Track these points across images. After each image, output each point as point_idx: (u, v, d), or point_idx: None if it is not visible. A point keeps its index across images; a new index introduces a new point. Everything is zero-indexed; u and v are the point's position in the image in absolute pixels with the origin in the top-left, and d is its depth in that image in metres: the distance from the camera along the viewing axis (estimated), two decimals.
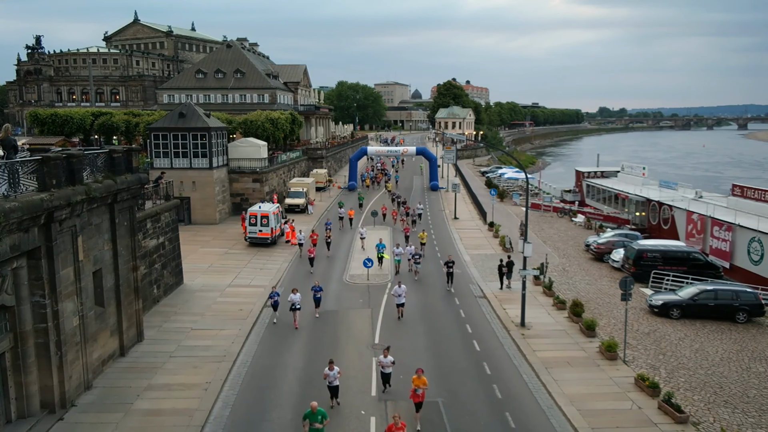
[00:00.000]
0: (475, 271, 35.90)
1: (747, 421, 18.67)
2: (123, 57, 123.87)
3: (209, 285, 31.99)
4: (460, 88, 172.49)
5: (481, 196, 61.99)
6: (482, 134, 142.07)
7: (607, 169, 71.84)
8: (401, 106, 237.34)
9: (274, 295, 27.12)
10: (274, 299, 26.88)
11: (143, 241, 27.29)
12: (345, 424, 18.04)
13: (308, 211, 53.91)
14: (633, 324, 26.84)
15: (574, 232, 50.18)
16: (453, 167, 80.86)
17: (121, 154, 22.44)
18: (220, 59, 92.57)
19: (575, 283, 34.02)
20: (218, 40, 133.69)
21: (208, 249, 40.05)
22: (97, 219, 20.72)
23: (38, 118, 64.18)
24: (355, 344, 24.37)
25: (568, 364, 22.45)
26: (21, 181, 16.33)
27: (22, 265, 16.74)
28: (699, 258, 35.59)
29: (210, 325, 26.00)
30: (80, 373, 19.18)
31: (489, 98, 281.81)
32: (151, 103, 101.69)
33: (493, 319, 27.80)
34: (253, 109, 73.70)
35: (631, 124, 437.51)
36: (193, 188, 47.32)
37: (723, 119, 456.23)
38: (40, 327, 17.27)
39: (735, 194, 47.34)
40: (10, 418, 16.74)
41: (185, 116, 47.80)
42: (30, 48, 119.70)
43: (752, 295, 28.65)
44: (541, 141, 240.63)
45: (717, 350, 24.56)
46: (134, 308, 23.68)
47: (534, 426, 18.22)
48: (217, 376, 20.87)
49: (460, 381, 21.08)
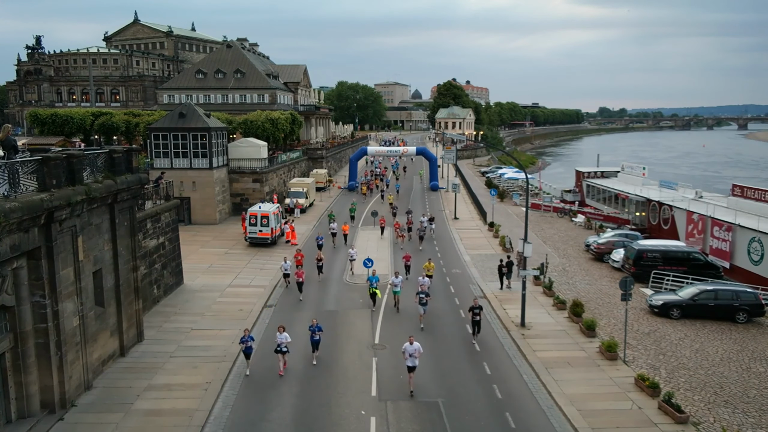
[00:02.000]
0: (475, 271, 35.89)
1: (747, 421, 18.66)
2: (123, 57, 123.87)
3: (209, 285, 31.99)
4: (460, 88, 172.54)
5: (481, 196, 61.99)
6: (482, 134, 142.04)
7: (607, 169, 71.80)
8: (401, 106, 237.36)
9: (246, 339, 21.20)
10: (246, 344, 21.10)
11: (143, 241, 27.29)
12: (345, 424, 18.03)
13: (295, 213, 52.25)
14: (633, 324, 26.84)
15: (574, 232, 50.17)
16: (453, 167, 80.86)
17: (121, 154, 22.43)
18: (220, 59, 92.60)
19: (575, 283, 34.01)
20: (218, 40, 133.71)
21: (208, 249, 40.05)
22: (97, 219, 20.72)
23: (38, 119, 64.22)
24: (356, 344, 24.36)
25: (569, 364, 22.44)
26: (21, 181, 16.32)
27: (22, 265, 16.74)
28: (699, 258, 35.58)
29: (210, 326, 25.99)
30: (80, 373, 19.17)
31: (489, 98, 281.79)
32: (151, 103, 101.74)
33: (493, 319, 27.80)
34: (253, 109, 73.73)
35: (631, 124, 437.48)
36: (193, 188, 47.33)
37: (723, 119, 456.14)
38: (40, 327, 17.27)
39: (735, 194, 47.32)
40: (10, 418, 16.74)
41: (185, 116, 47.81)
42: (30, 48, 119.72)
43: (752, 295, 28.65)
44: (541, 141, 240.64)
45: (717, 350, 24.56)
46: (134, 308, 23.67)
47: (534, 426, 18.21)
48: (217, 376, 20.86)
49: (460, 381, 21.08)
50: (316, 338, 22.14)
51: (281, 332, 21.14)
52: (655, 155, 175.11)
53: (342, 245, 42.00)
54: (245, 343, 21.15)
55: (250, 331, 21.36)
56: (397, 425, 17.98)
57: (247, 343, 21.20)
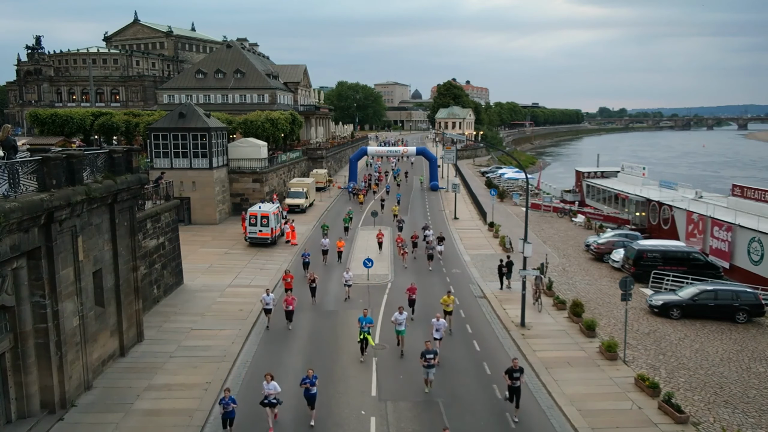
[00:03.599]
0: (475, 271, 35.90)
1: (747, 422, 18.66)
2: (123, 57, 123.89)
3: (209, 285, 31.99)
4: (460, 88, 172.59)
5: (481, 196, 62.01)
6: (482, 134, 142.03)
7: (607, 169, 71.83)
8: (401, 106, 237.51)
9: (225, 402, 16.91)
10: (227, 408, 16.89)
11: (143, 241, 27.29)
12: (345, 424, 18.03)
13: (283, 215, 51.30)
14: (633, 324, 26.84)
15: (574, 232, 50.17)
16: (453, 167, 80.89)
17: (121, 155, 22.44)
18: (220, 59, 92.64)
19: (575, 283, 34.01)
20: (218, 40, 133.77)
21: (208, 249, 40.05)
22: (97, 219, 20.72)
23: (38, 119, 64.22)
24: (356, 344, 24.31)
25: (568, 364, 22.45)
26: (21, 181, 16.32)
27: (22, 266, 16.74)
28: (699, 258, 35.59)
29: (210, 326, 25.98)
30: (80, 373, 19.17)
31: (489, 98, 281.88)
32: (151, 104, 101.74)
33: (493, 319, 27.80)
34: (253, 109, 73.77)
35: (631, 124, 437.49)
36: (193, 188, 47.34)
37: (723, 119, 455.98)
38: (40, 327, 17.26)
39: (735, 194, 47.33)
40: (10, 418, 16.74)
41: (185, 116, 47.83)
42: (30, 48, 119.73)
43: (752, 295, 28.64)
44: (541, 141, 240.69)
45: (717, 350, 24.56)
46: (134, 308, 23.67)
47: (534, 426, 18.22)
48: (217, 376, 20.86)
49: (460, 381, 21.08)
50: (313, 392, 17.85)
51: (269, 381, 17.40)
52: (654, 155, 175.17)
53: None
54: (226, 407, 16.85)
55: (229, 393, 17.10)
56: (397, 425, 17.98)
57: (228, 407, 16.86)
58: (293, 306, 25.54)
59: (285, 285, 29.00)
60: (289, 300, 25.64)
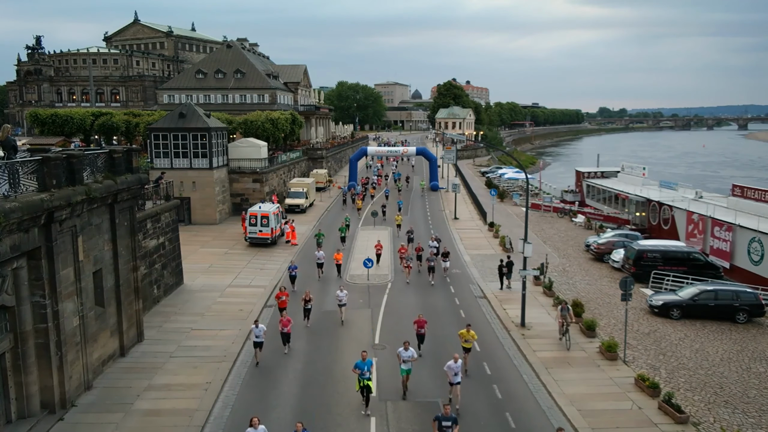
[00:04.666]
0: (475, 271, 35.89)
1: (747, 422, 18.67)
2: (123, 57, 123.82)
3: (209, 285, 31.99)
4: (460, 88, 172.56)
5: (481, 197, 62.00)
6: (482, 134, 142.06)
7: (607, 169, 71.79)
8: (401, 106, 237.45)
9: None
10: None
11: (143, 242, 27.29)
12: (345, 424, 18.03)
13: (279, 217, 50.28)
14: (633, 324, 26.84)
15: (574, 233, 50.17)
16: (453, 167, 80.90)
17: (121, 155, 22.43)
18: (220, 59, 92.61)
19: (575, 284, 34.01)
20: (218, 40, 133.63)
21: (208, 249, 40.06)
22: (97, 219, 20.72)
23: (38, 119, 64.15)
24: (356, 344, 24.30)
25: (569, 364, 22.44)
26: (21, 181, 16.33)
27: (22, 266, 16.74)
28: (699, 258, 35.58)
29: (210, 326, 25.99)
30: (80, 373, 19.18)
31: (489, 98, 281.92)
32: (151, 104, 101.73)
33: (493, 319, 27.80)
34: (253, 109, 73.71)
35: (631, 124, 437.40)
36: (193, 188, 47.34)
37: (723, 119, 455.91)
38: (40, 327, 17.26)
39: (735, 194, 47.33)
40: (11, 419, 16.74)
41: (185, 116, 47.83)
42: (30, 48, 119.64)
43: (752, 296, 28.65)
44: (541, 141, 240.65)
45: (717, 350, 24.56)
46: (134, 308, 23.67)
47: (534, 426, 18.22)
48: (217, 376, 20.86)
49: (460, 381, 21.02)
50: None
51: (256, 426, 15.39)
52: (654, 155, 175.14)
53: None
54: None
55: None
56: (397, 425, 17.99)
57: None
58: (289, 328, 23.07)
59: (279, 304, 26.39)
60: (285, 321, 23.13)
